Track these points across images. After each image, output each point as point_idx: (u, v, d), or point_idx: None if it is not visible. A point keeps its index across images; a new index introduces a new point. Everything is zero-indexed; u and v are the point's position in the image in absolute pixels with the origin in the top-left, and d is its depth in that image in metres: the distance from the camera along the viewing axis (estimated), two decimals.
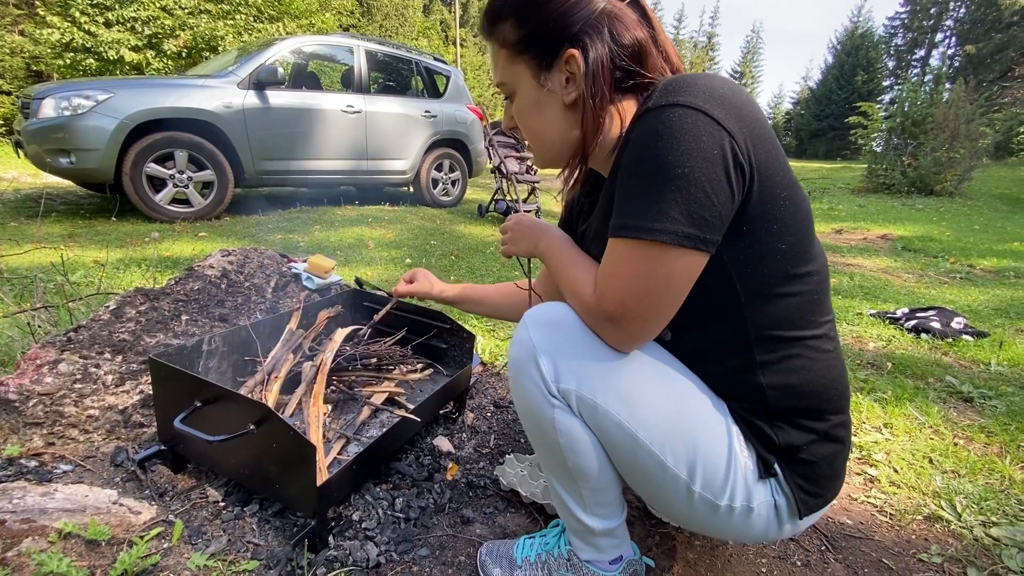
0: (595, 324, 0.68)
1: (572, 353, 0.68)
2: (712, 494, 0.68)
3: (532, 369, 0.69)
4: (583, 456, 0.71)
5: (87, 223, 3.67)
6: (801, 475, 0.70)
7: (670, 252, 0.59)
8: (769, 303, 0.65)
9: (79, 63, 8.51)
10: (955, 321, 2.46)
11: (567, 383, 0.68)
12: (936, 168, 8.74)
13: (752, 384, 0.68)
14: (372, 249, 3.49)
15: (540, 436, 0.73)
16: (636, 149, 0.61)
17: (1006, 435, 1.52)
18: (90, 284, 2.15)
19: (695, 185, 0.57)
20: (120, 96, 3.47)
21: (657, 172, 0.59)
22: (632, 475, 0.72)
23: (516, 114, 0.78)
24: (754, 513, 0.70)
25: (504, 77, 0.76)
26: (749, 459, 0.69)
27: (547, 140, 0.77)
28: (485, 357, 1.87)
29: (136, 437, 1.14)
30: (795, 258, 0.65)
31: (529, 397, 0.71)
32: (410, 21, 20.95)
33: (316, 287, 1.76)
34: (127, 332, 1.31)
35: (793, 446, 0.69)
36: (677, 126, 0.58)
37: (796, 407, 0.69)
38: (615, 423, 0.67)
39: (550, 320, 0.71)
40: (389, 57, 5.38)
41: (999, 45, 22.15)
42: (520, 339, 0.71)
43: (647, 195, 0.60)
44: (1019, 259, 4.36)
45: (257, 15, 9.68)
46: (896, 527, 1.14)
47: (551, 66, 0.71)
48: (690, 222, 0.58)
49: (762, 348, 0.67)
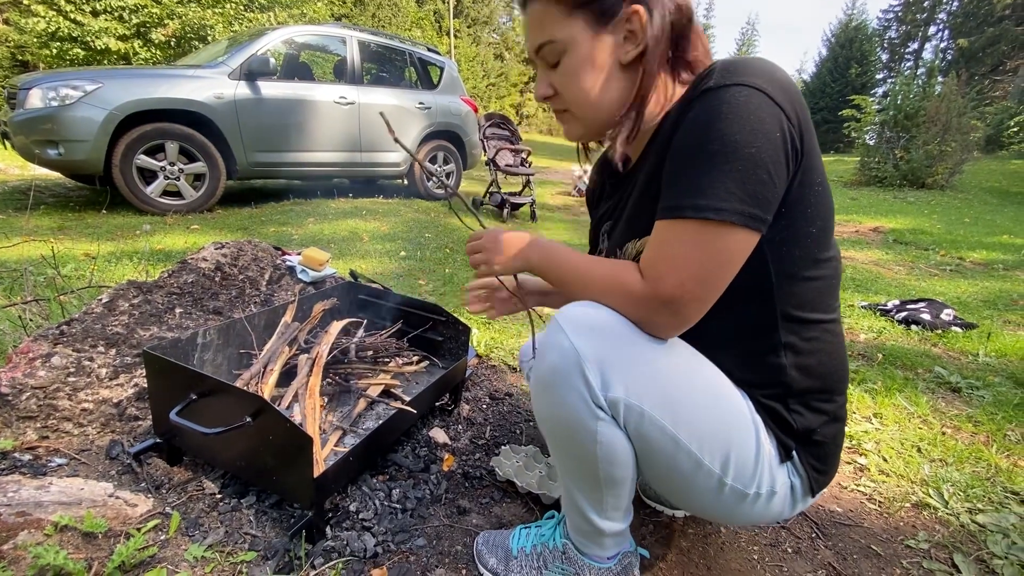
0: (648, 313, 0.65)
1: (619, 360, 0.64)
2: (742, 484, 0.69)
3: (576, 379, 0.64)
4: (619, 466, 0.69)
5: (77, 216, 3.63)
6: (814, 455, 0.74)
7: (735, 232, 0.60)
8: (796, 285, 0.68)
9: (66, 52, 8.35)
10: (944, 313, 2.49)
11: (615, 392, 0.64)
12: (928, 161, 8.79)
13: (775, 365, 0.70)
14: (366, 242, 3.47)
15: (573, 447, 0.69)
16: (698, 128, 0.60)
17: (993, 424, 1.55)
18: (81, 277, 2.13)
19: (760, 166, 0.58)
20: (109, 86, 3.41)
21: (723, 151, 0.58)
22: (662, 475, 0.71)
23: (564, 75, 0.72)
24: (776, 496, 0.73)
25: (553, 34, 0.70)
26: (771, 445, 0.72)
27: (597, 102, 0.72)
28: (480, 349, 1.87)
29: (131, 430, 1.13)
30: (821, 243, 0.67)
31: (569, 408, 0.66)
32: (403, 11, 20.71)
33: (311, 280, 1.76)
34: (120, 325, 1.30)
35: (809, 429, 0.72)
36: (743, 106, 0.58)
37: (812, 388, 0.72)
38: (659, 428, 0.65)
39: (592, 324, 0.65)
40: (382, 47, 5.32)
41: (991, 39, 22.24)
42: (559, 346, 0.65)
43: (711, 174, 0.59)
44: (1008, 252, 4.41)
45: (247, 4, 9.54)
46: (885, 514, 1.16)
47: (609, 22, 0.68)
48: (755, 202, 0.59)
49: (787, 329, 0.69)
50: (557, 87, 0.74)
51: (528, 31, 0.73)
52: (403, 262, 3.07)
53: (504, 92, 27.36)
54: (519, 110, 27.88)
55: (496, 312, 1.05)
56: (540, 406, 0.71)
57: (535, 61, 0.75)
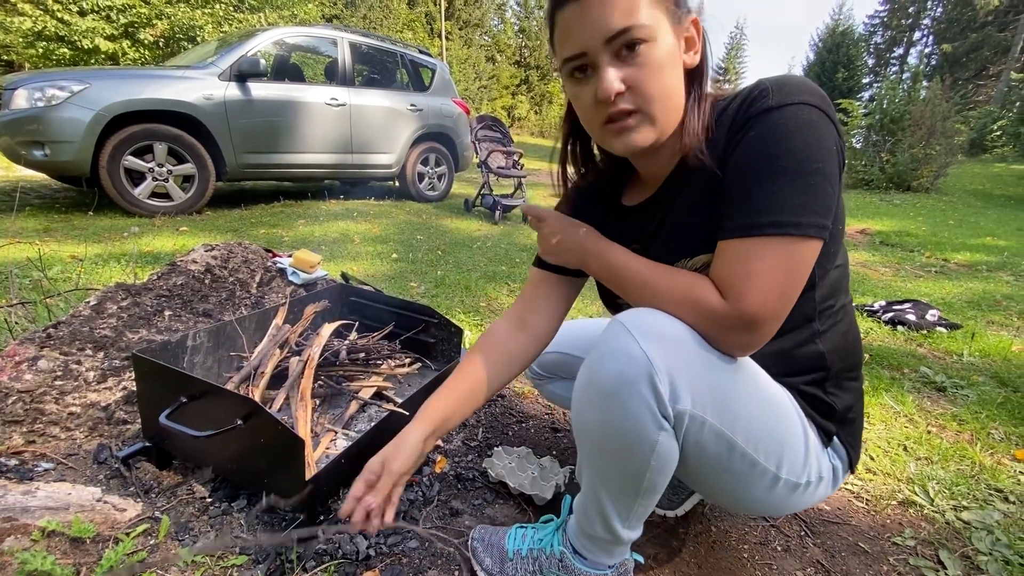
0: (726, 332, 0.63)
1: (687, 369, 0.63)
2: (795, 476, 0.72)
3: (645, 389, 0.61)
4: (664, 475, 0.68)
5: (63, 217, 3.58)
6: (849, 433, 0.79)
7: (811, 244, 0.62)
8: (826, 277, 0.72)
9: (52, 52, 8.24)
10: (929, 313, 2.53)
11: (683, 403, 0.63)
12: (913, 164, 8.93)
13: (815, 353, 0.75)
14: (358, 244, 3.46)
15: (624, 457, 0.67)
16: (767, 145, 0.62)
17: (977, 423, 1.58)
18: (68, 280, 2.10)
19: (827, 179, 0.61)
20: (96, 87, 3.37)
21: (796, 168, 0.60)
22: (711, 479, 0.71)
23: (646, 67, 0.64)
24: (823, 481, 0.76)
25: (641, 19, 0.62)
26: (814, 434, 0.75)
27: (675, 101, 0.68)
28: None
29: (119, 434, 1.12)
30: (839, 236, 0.73)
31: (631, 418, 0.63)
32: (395, 13, 20.69)
33: (302, 282, 1.75)
34: (108, 328, 1.29)
35: (847, 407, 0.77)
36: (807, 124, 0.61)
37: (845, 366, 0.77)
38: (717, 434, 0.65)
39: (662, 332, 0.63)
40: (374, 49, 5.31)
41: (974, 44, 22.68)
42: (629, 353, 0.62)
43: (788, 190, 0.60)
44: (991, 253, 4.49)
45: (237, 5, 9.48)
46: (872, 512, 1.18)
47: (680, 22, 0.67)
48: (825, 213, 0.62)
49: (822, 319, 0.74)
50: (633, 81, 0.64)
51: (598, 15, 0.62)
52: (395, 264, 3.07)
53: (496, 94, 27.40)
54: (511, 112, 27.92)
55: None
56: (589, 412, 0.67)
57: (596, 52, 0.64)
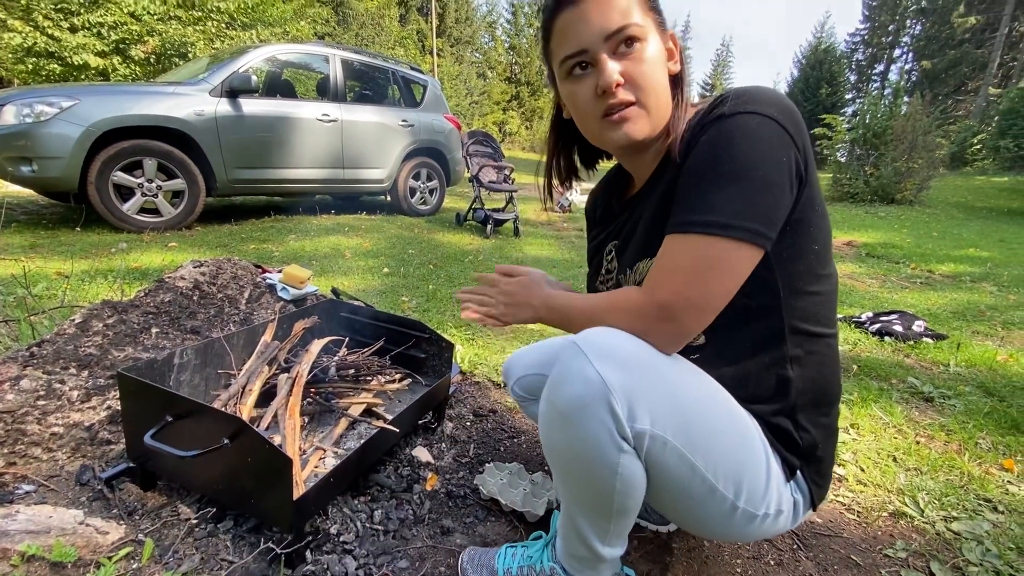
0: (646, 322, 0.66)
1: (644, 389, 0.63)
2: (753, 507, 0.70)
3: (602, 411, 0.62)
4: (633, 497, 0.68)
5: (50, 233, 3.54)
6: (815, 471, 0.76)
7: (741, 248, 0.63)
8: (800, 299, 0.71)
9: (41, 68, 8.21)
10: (916, 324, 2.57)
11: (642, 423, 0.63)
12: (896, 177, 9.12)
13: (782, 378, 0.73)
14: (349, 258, 3.45)
15: (589, 479, 0.67)
16: (712, 150, 0.64)
17: (964, 433, 1.59)
18: (53, 297, 2.08)
19: (768, 187, 0.62)
20: (86, 103, 3.37)
21: (734, 172, 0.62)
22: (673, 500, 0.71)
23: (641, 61, 0.69)
24: (783, 515, 0.74)
25: (636, 19, 0.68)
26: (778, 466, 0.73)
27: (665, 99, 0.73)
28: (464, 366, 1.87)
29: (103, 455, 1.10)
30: (822, 260, 0.72)
31: (591, 441, 0.64)
32: (387, 31, 20.92)
33: (291, 298, 1.74)
34: (94, 346, 1.27)
35: (814, 445, 0.74)
36: (755, 132, 0.62)
37: (814, 400, 0.75)
38: (678, 456, 0.65)
39: (616, 351, 0.64)
40: (365, 66, 5.36)
41: (952, 61, 23.33)
42: (585, 376, 0.63)
43: (721, 193, 0.62)
44: (974, 264, 4.58)
45: (229, 22, 9.53)
46: (863, 524, 1.18)
47: (663, 35, 0.73)
48: (761, 221, 0.62)
49: (794, 341, 0.72)
50: (631, 74, 0.69)
51: (598, 14, 0.68)
52: (386, 278, 3.06)
53: (487, 110, 27.67)
54: (502, 127, 28.19)
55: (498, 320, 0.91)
56: (555, 438, 0.68)
57: (596, 48, 0.69)
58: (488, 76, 29.10)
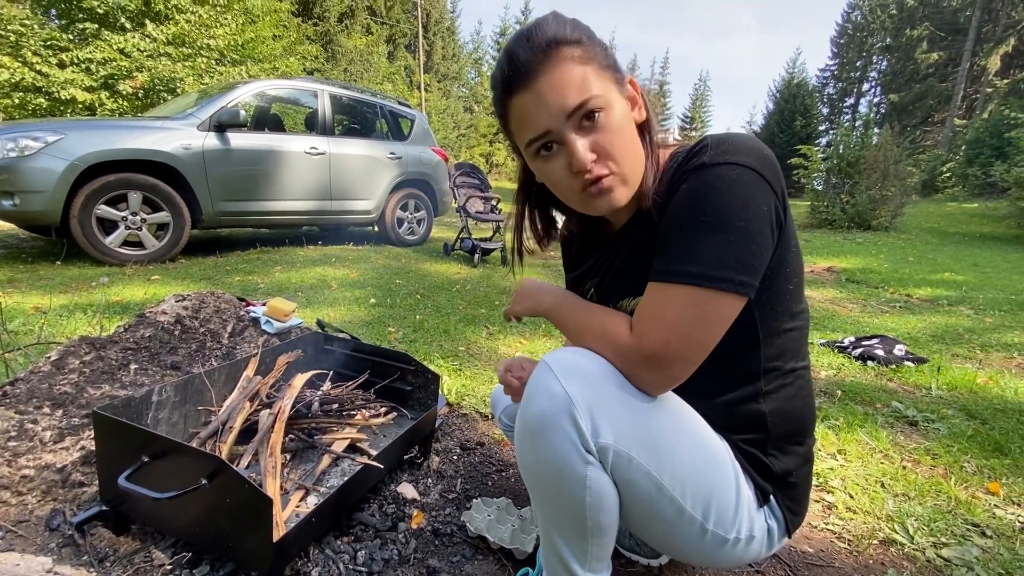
0: (632, 366, 0.67)
1: (608, 405, 0.65)
2: (723, 530, 0.71)
3: (567, 424, 0.64)
4: (606, 513, 0.69)
5: (29, 267, 3.48)
6: (789, 497, 0.77)
7: (725, 298, 0.64)
8: (778, 338, 0.73)
9: (28, 103, 8.23)
10: (897, 348, 2.61)
11: (605, 438, 0.64)
12: (871, 205, 9.43)
13: (755, 412, 0.74)
14: (335, 289, 3.44)
15: (560, 495, 0.68)
16: (694, 200, 0.65)
17: (950, 457, 1.60)
18: (30, 333, 2.03)
19: (750, 238, 0.63)
20: (71, 137, 3.37)
21: (717, 223, 0.63)
22: (644, 520, 0.72)
23: (610, 131, 0.68)
24: (755, 540, 0.75)
25: (597, 90, 0.67)
26: (750, 491, 0.74)
27: (639, 157, 0.73)
28: (451, 397, 1.85)
29: (75, 498, 1.06)
30: (796, 297, 0.74)
31: (559, 455, 0.65)
32: (375, 67, 21.38)
33: (275, 331, 1.72)
34: (69, 384, 1.24)
35: (786, 471, 0.76)
36: (736, 183, 0.64)
37: (788, 431, 0.76)
38: (645, 473, 0.66)
39: (582, 370, 0.66)
40: (354, 101, 5.46)
41: (918, 94, 24.46)
42: (551, 391, 0.65)
43: (704, 243, 0.63)
44: (950, 288, 4.69)
45: (219, 58, 9.69)
46: (854, 552, 1.17)
47: (622, 88, 0.72)
48: (744, 270, 0.63)
49: (767, 378, 0.74)
50: (601, 146, 0.68)
51: (554, 95, 0.66)
52: (373, 309, 3.05)
53: (474, 142, 28.18)
54: (489, 159, 28.67)
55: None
56: (526, 452, 0.70)
57: (559, 128, 0.68)
58: (475, 110, 29.76)
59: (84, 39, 8.50)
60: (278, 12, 11.68)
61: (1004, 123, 13.00)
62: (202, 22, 9.21)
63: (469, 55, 31.13)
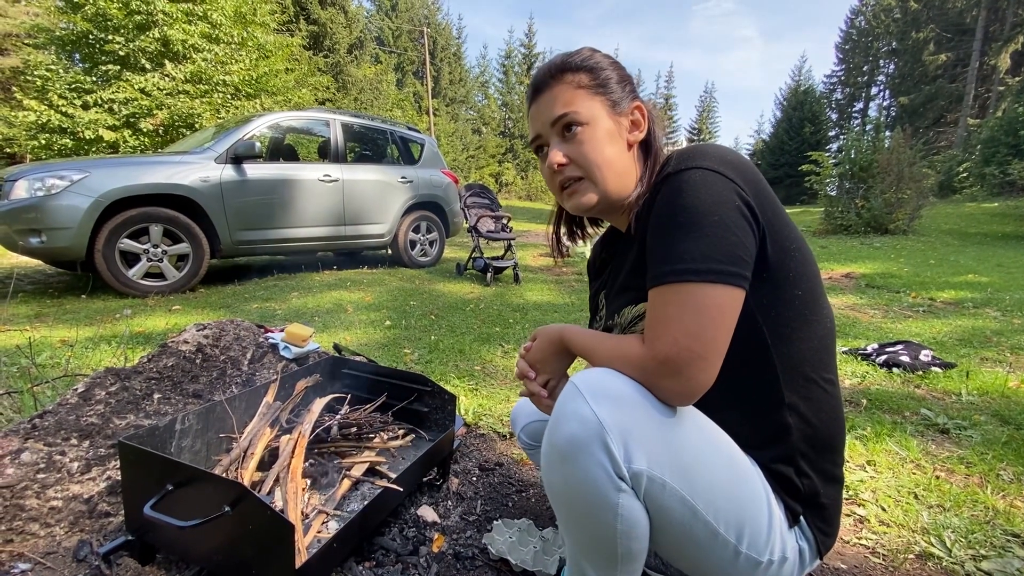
0: (651, 376, 0.66)
1: (640, 429, 0.64)
2: (756, 552, 0.69)
3: (598, 451, 0.63)
4: (637, 540, 0.67)
5: (55, 302, 3.59)
6: (820, 518, 0.76)
7: (715, 288, 0.65)
8: (792, 345, 0.73)
9: (54, 143, 8.58)
10: (923, 354, 2.54)
11: (639, 464, 0.63)
12: (887, 208, 9.28)
13: (781, 424, 0.74)
14: (351, 313, 3.47)
15: (590, 521, 0.67)
16: (666, 206, 0.69)
17: (984, 464, 1.55)
18: (57, 365, 2.08)
19: (727, 229, 0.66)
20: (95, 175, 3.50)
21: (690, 222, 0.66)
22: (676, 545, 0.70)
23: (584, 143, 0.79)
24: (787, 562, 0.73)
25: (577, 108, 0.79)
26: (780, 512, 0.73)
27: (616, 169, 0.81)
28: (468, 418, 1.84)
29: (101, 528, 1.07)
30: (810, 304, 0.74)
31: (590, 481, 0.64)
32: (384, 94, 21.92)
33: (294, 356, 1.74)
34: (96, 415, 1.27)
35: (816, 492, 0.74)
36: (700, 184, 0.68)
37: (814, 447, 0.75)
38: (679, 499, 0.65)
39: (612, 392, 0.65)
40: (364, 128, 5.60)
41: (929, 96, 24.26)
42: (580, 416, 0.64)
43: (685, 242, 0.66)
44: (975, 290, 4.57)
45: (235, 93, 10.02)
46: (890, 568, 1.13)
47: (619, 112, 0.81)
48: (729, 260, 0.65)
49: (790, 388, 0.73)
50: (573, 154, 0.80)
51: (546, 108, 0.81)
52: (388, 331, 3.07)
53: (483, 163, 28.56)
54: (498, 178, 29.00)
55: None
56: (555, 478, 0.68)
57: (547, 134, 0.83)
58: (483, 131, 30.24)
59: (107, 80, 8.88)
60: (290, 46, 12.08)
61: (1019, 121, 12.80)
62: (218, 59, 9.57)
63: (476, 79, 31.78)
